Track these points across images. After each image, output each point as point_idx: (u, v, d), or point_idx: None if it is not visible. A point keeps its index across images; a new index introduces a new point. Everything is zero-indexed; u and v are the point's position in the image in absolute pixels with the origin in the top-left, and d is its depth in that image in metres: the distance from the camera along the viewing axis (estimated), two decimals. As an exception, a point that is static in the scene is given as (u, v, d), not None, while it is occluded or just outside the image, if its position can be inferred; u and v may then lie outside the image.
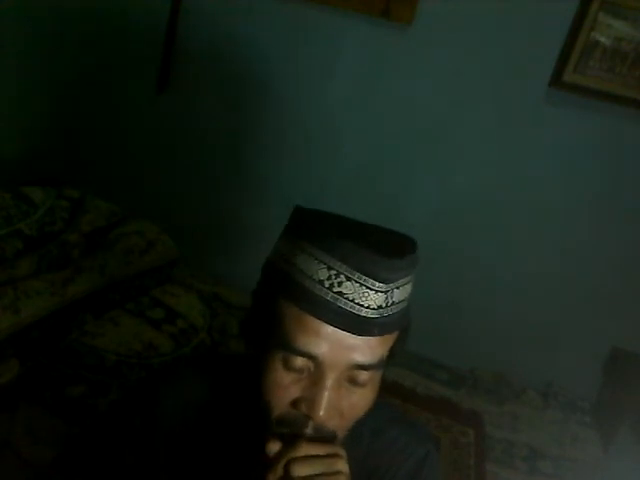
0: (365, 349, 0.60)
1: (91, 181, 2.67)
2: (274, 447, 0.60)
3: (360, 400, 0.63)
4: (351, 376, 0.61)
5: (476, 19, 2.18)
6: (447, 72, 2.28)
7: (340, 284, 0.58)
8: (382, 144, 2.44)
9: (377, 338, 0.60)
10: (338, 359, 0.59)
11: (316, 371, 0.60)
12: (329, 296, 0.58)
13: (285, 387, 0.61)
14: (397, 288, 0.60)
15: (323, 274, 0.58)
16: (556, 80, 2.16)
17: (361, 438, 0.75)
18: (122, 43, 2.63)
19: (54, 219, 1.75)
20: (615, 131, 2.19)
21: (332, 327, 0.59)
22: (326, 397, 0.60)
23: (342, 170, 2.51)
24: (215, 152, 2.67)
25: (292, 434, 0.61)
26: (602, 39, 2.07)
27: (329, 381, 0.60)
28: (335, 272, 0.58)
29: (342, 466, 0.60)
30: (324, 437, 0.61)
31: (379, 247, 0.58)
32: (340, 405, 0.62)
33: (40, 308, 1.54)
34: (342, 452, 0.61)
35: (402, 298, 0.62)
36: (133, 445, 0.76)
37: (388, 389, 2.27)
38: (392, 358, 0.66)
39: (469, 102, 2.28)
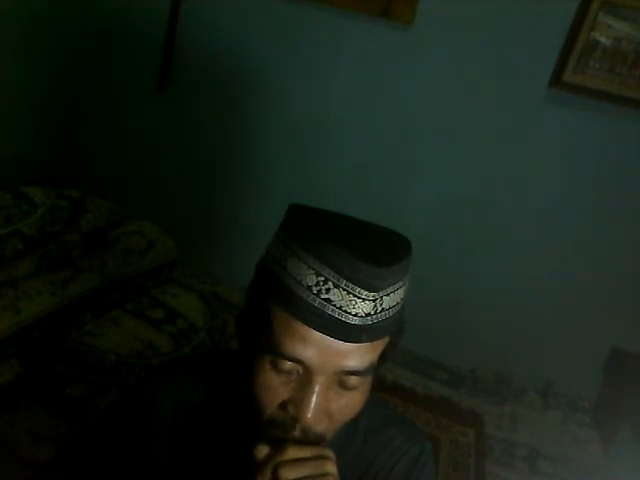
0: (354, 355, 0.59)
1: (91, 181, 2.68)
2: (262, 451, 0.60)
3: (349, 403, 0.63)
4: (341, 380, 0.61)
5: (476, 19, 2.18)
6: (447, 72, 2.28)
7: (328, 291, 0.57)
8: (382, 144, 2.44)
9: (367, 344, 0.60)
10: (326, 364, 0.59)
11: (304, 374, 0.60)
12: (317, 302, 0.57)
13: (274, 389, 0.61)
14: (387, 295, 0.59)
15: (311, 280, 0.58)
16: (556, 80, 2.16)
17: (355, 436, 0.75)
18: (122, 43, 2.63)
19: (54, 219, 1.75)
20: (615, 131, 2.19)
21: (320, 333, 0.58)
22: (314, 401, 0.59)
23: (342, 170, 2.51)
24: (215, 152, 2.67)
25: (280, 438, 0.61)
26: (602, 39, 2.07)
27: (317, 385, 0.59)
28: (323, 279, 0.57)
29: (330, 468, 0.59)
30: (311, 440, 0.61)
31: (369, 254, 0.57)
32: (329, 408, 0.61)
33: (40, 308, 1.54)
34: (330, 454, 0.61)
35: (393, 304, 0.61)
36: (130, 445, 0.76)
37: (388, 389, 2.29)
38: (383, 362, 0.65)
39: (469, 102, 2.28)
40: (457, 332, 2.55)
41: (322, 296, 0.57)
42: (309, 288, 0.58)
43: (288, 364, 0.60)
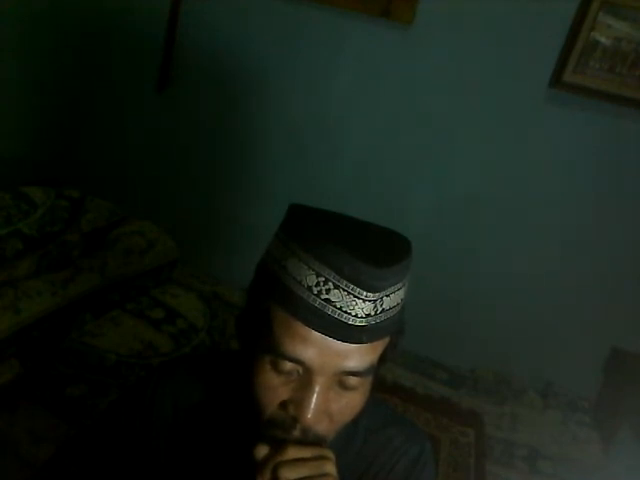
0: (354, 355, 0.59)
1: (91, 181, 2.68)
2: (262, 451, 0.60)
3: (349, 404, 0.63)
4: (341, 381, 0.61)
5: (476, 19, 2.18)
6: (447, 72, 2.28)
7: (328, 291, 0.57)
8: (382, 144, 2.44)
9: (367, 344, 0.60)
10: (326, 365, 0.59)
11: (305, 375, 0.60)
12: (317, 303, 0.57)
13: (274, 389, 0.61)
14: (387, 296, 0.59)
15: (312, 280, 0.58)
16: (556, 80, 2.16)
17: (355, 436, 0.75)
18: (122, 43, 2.63)
19: (54, 219, 1.75)
20: (615, 131, 2.19)
21: (320, 333, 0.58)
22: (314, 401, 0.59)
23: (342, 170, 2.51)
24: (215, 152, 2.67)
25: (280, 438, 0.61)
26: (602, 39, 2.07)
27: (317, 385, 0.59)
28: (323, 279, 0.57)
29: (330, 468, 0.59)
30: (312, 440, 0.61)
31: (369, 254, 0.57)
32: (329, 409, 0.61)
33: (40, 308, 1.54)
34: (330, 454, 0.61)
35: (393, 305, 0.61)
36: (130, 445, 0.76)
37: (388, 389, 2.29)
38: (384, 362, 0.65)
39: (469, 102, 2.28)
40: (457, 332, 2.55)
41: (322, 296, 0.57)
42: (309, 288, 0.58)
43: (288, 364, 0.60)
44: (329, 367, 0.59)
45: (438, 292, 2.46)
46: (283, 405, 0.61)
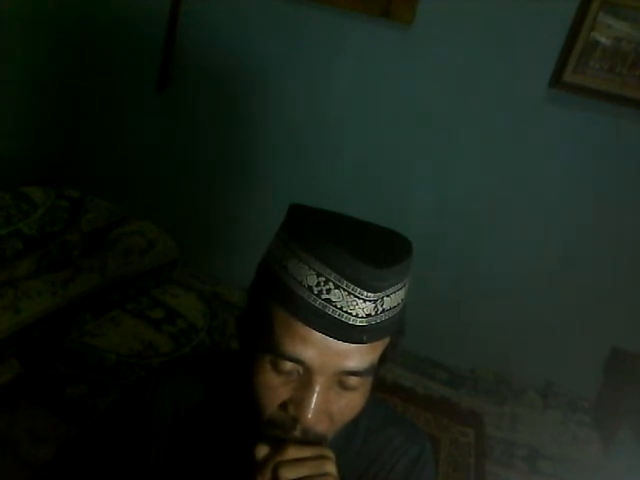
0: (355, 355, 0.59)
1: (91, 181, 2.68)
2: (262, 451, 0.60)
3: (349, 404, 0.63)
4: (341, 381, 0.61)
5: (476, 19, 2.18)
6: (447, 72, 2.28)
7: (329, 291, 0.57)
8: (382, 144, 2.44)
9: (367, 345, 0.60)
10: (327, 365, 0.59)
11: (305, 375, 0.60)
12: (317, 303, 0.58)
13: (274, 389, 0.61)
14: (387, 296, 0.59)
15: (312, 280, 0.58)
16: (556, 80, 2.16)
17: (355, 436, 0.75)
18: (122, 43, 2.63)
19: (54, 219, 1.75)
20: (615, 131, 2.19)
21: (320, 333, 0.58)
22: (314, 401, 0.59)
23: (342, 170, 2.51)
24: (215, 152, 2.67)
25: (280, 438, 0.61)
26: (602, 39, 2.07)
27: (317, 385, 0.59)
28: (324, 279, 0.57)
29: (330, 468, 0.59)
30: (312, 440, 0.61)
31: (370, 255, 0.58)
32: (329, 409, 0.61)
33: (40, 308, 1.54)
34: (330, 454, 0.61)
35: (393, 305, 0.61)
36: (130, 445, 0.76)
37: (388, 389, 2.29)
38: (384, 363, 0.65)
39: (469, 102, 2.28)
40: (457, 332, 2.55)
41: (323, 297, 0.57)
42: (310, 289, 0.58)
43: (288, 364, 0.60)
44: (329, 367, 0.59)
45: (438, 292, 2.46)
46: (283, 405, 0.61)
